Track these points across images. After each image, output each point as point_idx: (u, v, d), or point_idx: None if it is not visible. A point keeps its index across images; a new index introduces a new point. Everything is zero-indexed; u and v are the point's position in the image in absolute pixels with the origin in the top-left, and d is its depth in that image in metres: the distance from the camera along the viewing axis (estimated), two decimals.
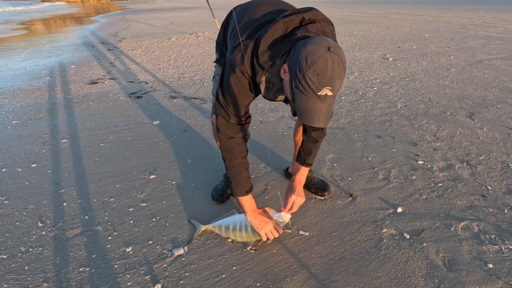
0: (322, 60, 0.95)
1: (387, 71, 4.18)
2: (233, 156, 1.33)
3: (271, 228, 1.40)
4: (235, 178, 1.36)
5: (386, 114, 2.80)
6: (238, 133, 1.30)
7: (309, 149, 1.51)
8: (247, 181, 1.38)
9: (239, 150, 1.33)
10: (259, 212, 1.43)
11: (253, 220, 1.41)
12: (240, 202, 1.42)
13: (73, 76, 4.56)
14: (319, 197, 1.73)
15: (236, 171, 1.35)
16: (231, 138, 1.30)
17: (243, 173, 1.36)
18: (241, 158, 1.34)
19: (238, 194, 1.39)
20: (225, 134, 1.30)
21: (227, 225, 1.48)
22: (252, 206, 1.42)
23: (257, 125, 2.68)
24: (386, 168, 1.98)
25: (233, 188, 1.39)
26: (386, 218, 1.56)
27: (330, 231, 1.50)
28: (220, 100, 1.26)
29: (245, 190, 1.38)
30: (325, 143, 2.32)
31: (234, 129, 1.29)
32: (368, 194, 1.75)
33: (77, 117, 3.01)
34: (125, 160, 2.21)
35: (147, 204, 1.74)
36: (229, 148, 1.32)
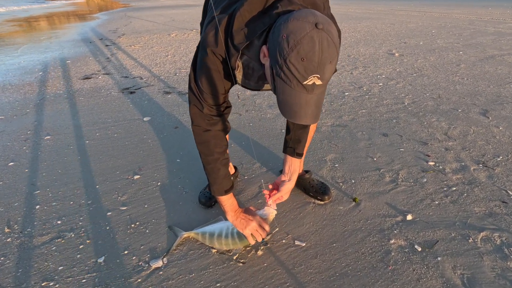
0: (308, 40, 0.75)
1: (393, 66, 3.97)
2: (209, 151, 1.16)
3: (255, 227, 1.23)
4: (212, 176, 1.20)
5: (393, 111, 2.61)
6: (215, 125, 1.13)
7: (298, 136, 1.33)
8: (225, 180, 1.21)
9: (215, 144, 1.16)
10: (241, 211, 1.27)
11: (235, 220, 1.25)
12: (219, 201, 1.26)
13: (67, 71, 4.41)
14: (318, 202, 1.55)
15: (212, 168, 1.19)
16: (206, 131, 1.13)
17: (221, 170, 1.19)
18: (218, 153, 1.17)
19: (215, 193, 1.23)
20: (199, 126, 1.13)
21: (211, 232, 1.31)
22: (233, 206, 1.26)
23: (253, 121, 2.51)
24: (394, 170, 1.79)
25: (210, 186, 1.23)
26: (394, 227, 1.38)
27: (330, 241, 1.32)
28: (192, 86, 1.09)
29: (223, 189, 1.21)
30: (326, 142, 2.14)
31: (209, 121, 1.12)
32: (373, 198, 1.56)
33: (65, 113, 2.85)
34: (109, 158, 2.04)
35: (127, 207, 1.57)
36: (204, 141, 1.15)
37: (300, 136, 1.33)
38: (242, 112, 2.70)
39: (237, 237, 1.26)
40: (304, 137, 1.34)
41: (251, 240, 1.24)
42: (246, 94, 3.14)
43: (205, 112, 1.10)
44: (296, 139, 1.34)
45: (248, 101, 2.95)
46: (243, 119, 2.56)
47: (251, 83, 1.03)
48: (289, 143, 1.36)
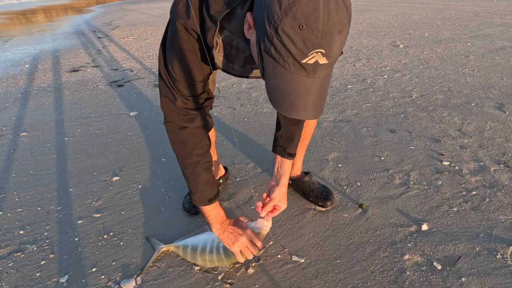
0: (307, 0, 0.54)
1: (398, 58, 3.75)
2: (186, 153, 0.96)
3: (245, 242, 1.03)
4: (192, 183, 1.01)
5: (400, 105, 2.41)
6: (192, 121, 0.93)
7: (290, 132, 1.12)
8: (208, 187, 1.02)
9: (194, 145, 0.95)
10: (229, 223, 1.07)
11: (221, 234, 1.05)
12: (202, 212, 1.06)
13: (54, 64, 4.19)
14: (320, 208, 1.36)
15: (192, 174, 0.99)
16: (182, 128, 0.93)
17: (202, 176, 0.99)
18: (198, 156, 0.97)
19: (197, 202, 1.04)
20: (173, 123, 0.93)
21: (194, 246, 1.12)
22: (219, 217, 1.06)
23: (248, 116, 2.30)
24: (404, 171, 1.59)
25: (191, 195, 1.04)
26: (408, 239, 1.19)
27: (334, 257, 1.13)
28: (162, 73, 0.88)
29: (206, 198, 1.02)
30: (328, 139, 1.94)
31: (185, 116, 0.91)
32: (382, 204, 1.37)
33: (46, 108, 2.65)
34: (88, 157, 1.85)
35: (102, 215, 1.38)
36: (180, 142, 0.95)
37: (293, 133, 1.12)
38: (237, 106, 2.50)
39: (223, 253, 1.07)
40: (297, 134, 1.13)
41: (239, 257, 1.05)
42: (241, 87, 2.93)
43: (179, 105, 0.89)
44: (288, 137, 1.13)
45: (243, 94, 2.74)
46: (237, 114, 2.36)
47: (236, 67, 0.83)
48: (279, 141, 1.14)
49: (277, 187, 1.08)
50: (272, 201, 1.06)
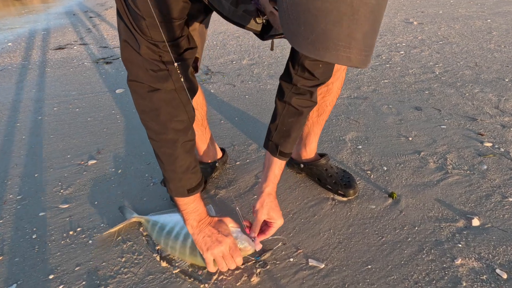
0: None
1: (414, 34, 3.43)
2: (159, 127, 0.70)
3: (222, 252, 0.79)
4: (167, 167, 0.76)
5: (423, 81, 2.11)
6: (166, 81, 0.65)
7: (287, 126, 0.85)
8: (189, 174, 0.77)
9: (170, 116, 0.69)
10: (208, 223, 0.83)
11: (197, 234, 0.82)
12: (177, 204, 0.82)
13: (39, 42, 3.88)
14: (340, 198, 1.09)
15: (166, 155, 0.73)
16: (152, 90, 0.65)
17: (180, 158, 0.74)
18: (176, 132, 0.71)
19: (173, 193, 0.79)
20: (138, 82, 0.65)
21: (163, 225, 0.90)
22: (197, 213, 0.82)
23: (250, 93, 2.02)
24: (438, 153, 1.32)
25: (166, 182, 0.79)
26: (457, 238, 0.92)
27: (363, 261, 0.87)
28: (120, 8, 0.60)
29: (185, 188, 0.78)
30: (343, 117, 1.66)
31: (155, 72, 0.64)
32: (417, 193, 1.10)
33: (23, 85, 2.36)
34: (62, 138, 1.57)
35: (70, 205, 1.12)
36: (149, 110, 0.68)
37: (291, 127, 0.85)
38: (237, 83, 2.21)
39: (189, 247, 0.84)
40: (296, 129, 0.86)
41: (210, 267, 0.81)
42: (241, 64, 2.63)
43: (144, 55, 0.62)
44: (284, 131, 0.86)
45: (244, 71, 2.45)
46: (237, 91, 2.07)
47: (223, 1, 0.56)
48: (272, 135, 0.88)
49: (258, 200, 0.84)
50: (258, 217, 0.82)
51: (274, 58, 2.75)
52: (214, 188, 1.17)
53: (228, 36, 3.56)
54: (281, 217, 0.85)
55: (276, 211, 0.85)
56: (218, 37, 3.55)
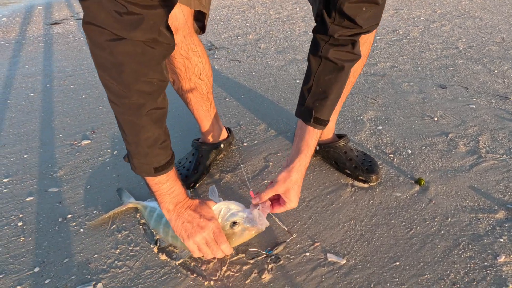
0: None
1: (432, 8, 3.19)
2: (121, 86, 0.56)
3: (206, 238, 0.69)
4: (130, 138, 0.63)
5: (446, 57, 1.94)
6: (135, 29, 0.51)
7: (324, 85, 0.71)
8: (155, 148, 0.64)
9: (136, 74, 0.55)
10: (188, 206, 0.71)
11: (174, 220, 0.71)
12: (149, 185, 0.71)
13: (34, 17, 3.70)
14: (361, 184, 0.97)
15: (127, 122, 0.61)
16: (116, 39, 0.51)
17: (145, 129, 0.61)
18: (142, 94, 0.57)
19: (137, 170, 0.67)
20: (98, 27, 0.51)
21: (152, 208, 0.83)
22: (173, 194, 0.70)
23: (257, 69, 1.86)
24: (469, 135, 1.19)
25: (129, 157, 0.68)
26: (498, 231, 0.81)
27: (390, 256, 0.76)
28: None
29: (150, 165, 0.66)
30: (360, 95, 1.51)
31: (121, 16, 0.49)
32: (448, 179, 0.98)
33: (17, 61, 2.23)
34: (55, 116, 1.46)
35: (60, 189, 1.01)
36: (111, 64, 0.54)
37: (328, 87, 0.70)
38: (242, 59, 2.05)
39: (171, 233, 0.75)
40: (335, 89, 0.71)
41: (195, 253, 0.71)
42: (247, 39, 2.45)
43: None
44: (320, 92, 0.71)
45: (250, 46, 2.28)
46: (243, 67, 1.92)
47: None
48: (305, 99, 0.74)
49: (285, 169, 0.72)
50: (275, 187, 0.70)
51: (282, 33, 2.56)
52: (219, 172, 1.06)
53: (233, 11, 3.34)
54: (297, 201, 0.74)
55: (296, 192, 0.73)
56: (222, 11, 3.34)
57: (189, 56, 0.85)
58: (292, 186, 0.71)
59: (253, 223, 0.70)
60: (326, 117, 0.74)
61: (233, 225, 0.71)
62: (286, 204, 0.73)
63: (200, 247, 0.69)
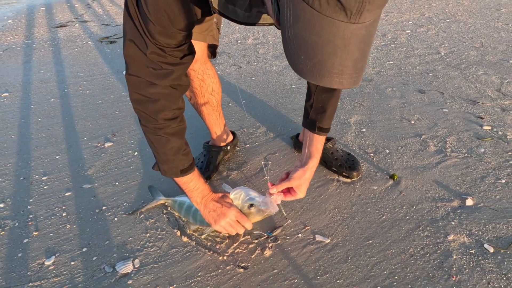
0: None
1: (421, 11, 3.37)
2: (149, 116, 0.77)
3: (229, 222, 0.89)
4: (158, 150, 0.84)
5: (428, 63, 2.13)
6: (164, 78, 0.72)
7: (322, 102, 0.94)
8: (179, 156, 0.84)
9: (162, 108, 0.76)
10: (212, 199, 0.92)
11: (203, 210, 0.92)
12: (179, 185, 0.91)
13: (39, 19, 3.82)
14: (344, 179, 1.17)
15: (157, 140, 0.82)
16: (150, 84, 0.73)
17: (171, 142, 0.82)
18: (166, 121, 0.78)
19: (167, 173, 0.88)
20: (137, 77, 0.72)
21: (190, 204, 0.99)
22: (199, 190, 0.90)
23: (256, 75, 2.05)
24: (439, 136, 1.39)
25: (159, 165, 0.88)
26: (451, 216, 1.01)
27: (365, 236, 0.96)
28: (131, 11, 0.64)
29: (177, 169, 0.85)
30: (348, 100, 1.71)
31: (156, 70, 0.71)
32: (417, 175, 1.18)
33: (31, 66, 2.39)
34: (77, 121, 1.64)
35: (93, 186, 1.20)
36: (144, 101, 0.76)
37: (326, 102, 0.94)
38: (242, 64, 2.23)
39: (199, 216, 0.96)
40: (331, 104, 0.94)
41: (222, 231, 0.94)
42: (246, 43, 2.63)
43: (150, 56, 0.68)
44: (319, 107, 0.94)
45: (249, 51, 2.45)
46: (243, 72, 2.10)
47: (238, 10, 0.61)
48: (309, 113, 0.97)
49: (300, 168, 0.89)
50: (290, 181, 0.89)
51: (279, 37, 2.73)
52: (226, 170, 1.25)
53: None
54: (305, 192, 0.91)
55: (306, 185, 0.90)
56: None
57: (204, 79, 1.04)
58: (304, 182, 0.89)
59: (266, 207, 0.89)
60: (327, 125, 0.95)
61: (250, 207, 0.90)
62: (297, 195, 0.91)
63: (226, 229, 0.90)
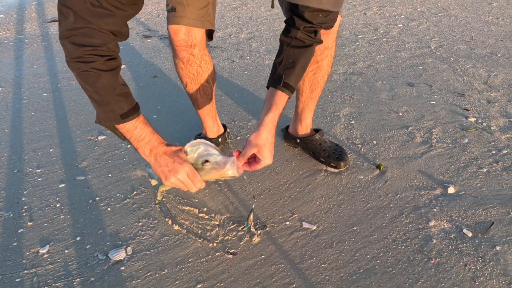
0: None
1: (413, 5, 3.39)
2: (77, 47, 0.66)
3: (181, 179, 0.80)
4: (90, 90, 0.71)
5: (418, 56, 2.16)
6: (102, 19, 0.65)
7: (292, 57, 0.86)
8: (114, 95, 0.71)
9: (94, 43, 0.66)
10: (164, 152, 0.81)
11: (153, 164, 0.82)
12: (123, 133, 0.79)
13: (31, 14, 3.79)
14: (332, 169, 1.20)
15: (85, 77, 0.69)
16: (85, 22, 0.64)
17: (102, 77, 0.69)
18: (94, 56, 0.67)
19: (105, 121, 0.75)
20: (71, 9, 0.63)
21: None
22: (146, 141, 0.80)
23: (248, 69, 2.07)
24: (425, 128, 1.42)
25: (97, 114, 0.76)
26: (433, 203, 1.05)
27: (350, 223, 1.00)
28: None
29: (115, 112, 0.73)
30: (339, 93, 1.73)
31: (94, 7, 0.63)
32: (402, 165, 1.22)
33: (23, 61, 2.38)
34: (70, 114, 1.65)
35: (86, 177, 1.22)
36: (74, 33, 0.65)
37: (296, 58, 0.85)
38: (235, 58, 2.25)
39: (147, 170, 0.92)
40: (301, 60, 0.86)
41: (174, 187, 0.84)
42: (239, 38, 2.64)
43: None
44: (289, 62, 0.86)
45: (242, 45, 2.47)
46: (236, 67, 2.12)
47: None
48: (276, 69, 0.87)
49: (255, 131, 0.81)
50: (247, 146, 0.80)
51: (272, 31, 2.75)
52: None
53: (226, 8, 3.49)
54: (269, 158, 0.81)
55: (269, 149, 0.81)
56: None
57: (201, 64, 1.06)
58: (263, 143, 0.79)
59: (221, 166, 0.80)
60: (293, 83, 0.86)
61: (204, 163, 0.82)
62: (261, 162, 0.81)
63: (176, 185, 0.81)
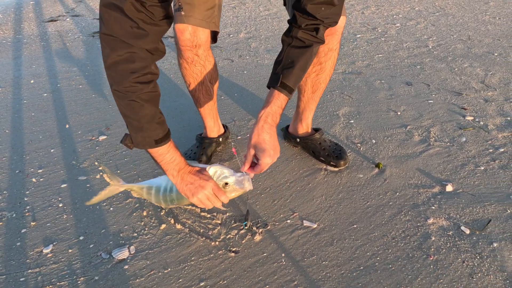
0: None
1: (411, 5, 3.41)
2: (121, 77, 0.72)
3: (207, 195, 0.86)
4: (131, 118, 0.77)
5: (415, 56, 2.18)
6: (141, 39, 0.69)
7: (292, 57, 0.85)
8: (154, 124, 0.79)
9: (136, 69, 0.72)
10: (189, 172, 0.87)
11: (180, 183, 0.87)
12: (152, 156, 0.85)
13: (29, 13, 3.77)
14: (332, 168, 1.22)
15: (129, 106, 0.75)
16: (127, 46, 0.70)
17: (145, 108, 0.76)
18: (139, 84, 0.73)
19: (140, 144, 0.81)
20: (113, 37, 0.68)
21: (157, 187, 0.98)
22: (175, 163, 0.86)
23: (248, 68, 2.07)
24: (423, 127, 1.44)
25: (132, 136, 0.81)
26: (432, 201, 1.07)
27: (350, 221, 1.01)
28: None
29: (151, 138, 0.80)
30: (338, 92, 1.75)
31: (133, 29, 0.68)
32: (401, 163, 1.23)
33: (22, 61, 2.38)
34: (70, 115, 1.65)
35: (88, 177, 1.23)
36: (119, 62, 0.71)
37: (295, 58, 0.84)
38: (235, 58, 2.25)
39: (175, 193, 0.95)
40: (300, 61, 0.84)
41: (199, 205, 0.89)
42: (238, 37, 2.64)
43: (127, 8, 0.65)
44: (288, 62, 0.85)
45: (241, 45, 2.47)
46: (235, 66, 2.13)
47: None
48: (276, 68, 0.87)
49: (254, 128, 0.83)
50: (249, 149, 0.84)
51: (271, 31, 2.76)
52: (218, 161, 1.29)
53: (224, 7, 3.50)
54: (270, 155, 0.82)
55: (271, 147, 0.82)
56: None
57: (205, 65, 1.07)
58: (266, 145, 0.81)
59: (241, 186, 0.89)
60: (291, 84, 0.85)
61: (225, 186, 0.90)
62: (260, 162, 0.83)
63: (203, 202, 0.86)
